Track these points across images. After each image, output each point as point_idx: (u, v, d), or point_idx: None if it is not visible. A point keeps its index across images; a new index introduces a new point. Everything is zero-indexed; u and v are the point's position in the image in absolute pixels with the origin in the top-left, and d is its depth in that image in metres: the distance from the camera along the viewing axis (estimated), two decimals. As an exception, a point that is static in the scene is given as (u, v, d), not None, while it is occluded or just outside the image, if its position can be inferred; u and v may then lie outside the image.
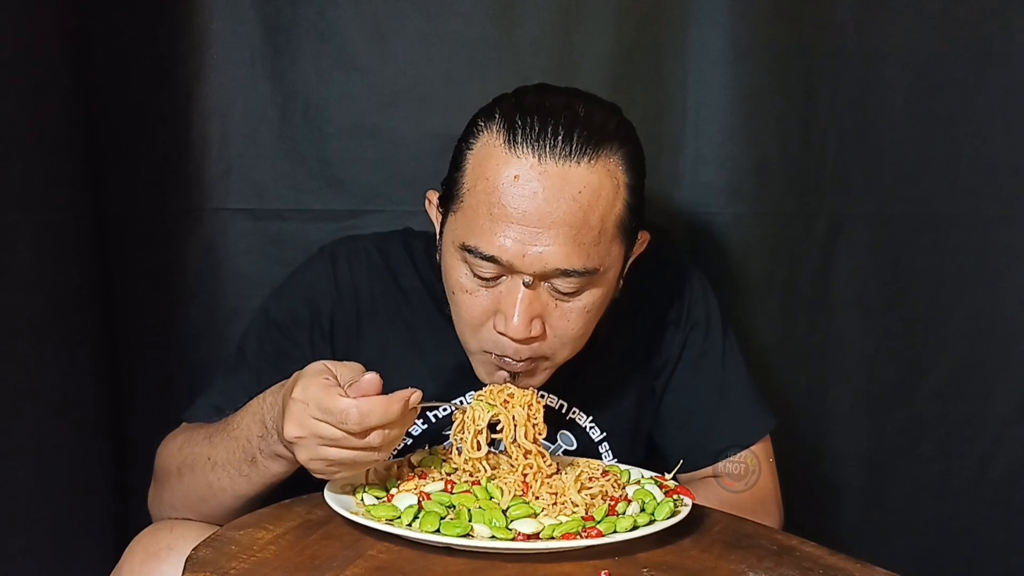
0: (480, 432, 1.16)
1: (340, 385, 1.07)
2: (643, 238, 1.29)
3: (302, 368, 1.18)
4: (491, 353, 1.23)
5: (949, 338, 1.75)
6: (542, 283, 1.19)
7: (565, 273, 1.18)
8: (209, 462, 1.23)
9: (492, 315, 1.21)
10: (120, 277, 1.60)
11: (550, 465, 1.17)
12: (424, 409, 1.14)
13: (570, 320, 1.22)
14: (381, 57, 1.63)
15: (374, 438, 1.06)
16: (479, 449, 1.16)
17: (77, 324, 1.51)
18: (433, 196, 1.31)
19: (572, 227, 1.17)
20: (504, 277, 1.20)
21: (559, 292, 1.20)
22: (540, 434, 1.18)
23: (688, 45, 1.65)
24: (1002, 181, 1.72)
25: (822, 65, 1.67)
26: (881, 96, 1.69)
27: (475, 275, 1.20)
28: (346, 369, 1.10)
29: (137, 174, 1.61)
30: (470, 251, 1.19)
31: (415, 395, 1.08)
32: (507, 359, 1.22)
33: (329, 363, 1.10)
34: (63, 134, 1.47)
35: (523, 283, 1.18)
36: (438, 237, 1.28)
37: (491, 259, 1.18)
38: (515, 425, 1.17)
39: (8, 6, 1.37)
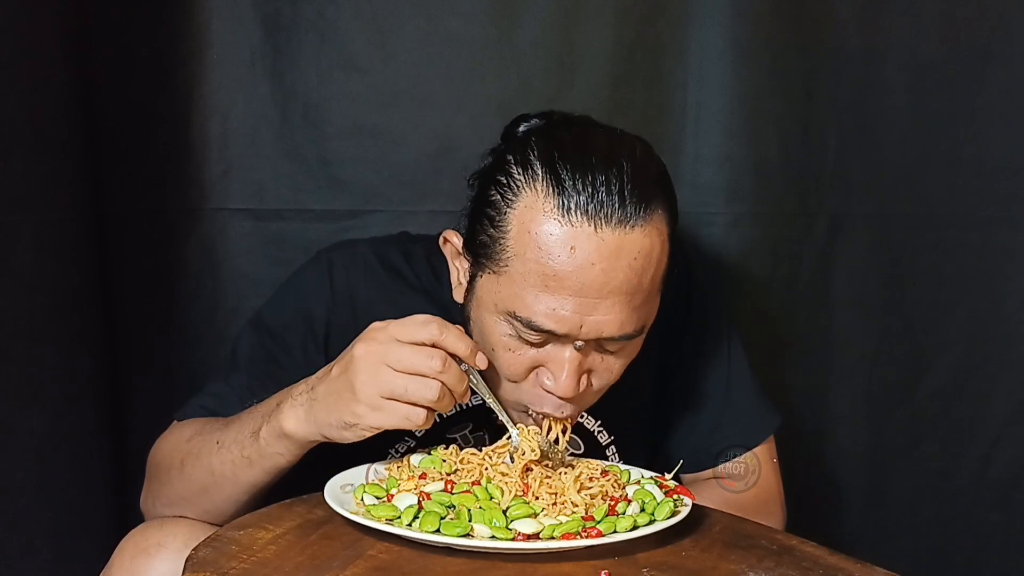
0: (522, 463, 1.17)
1: None
2: None
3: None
4: (528, 408, 1.22)
5: (949, 338, 1.75)
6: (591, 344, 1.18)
7: (617, 338, 1.17)
8: (216, 445, 1.21)
9: (533, 370, 1.20)
10: (120, 277, 1.60)
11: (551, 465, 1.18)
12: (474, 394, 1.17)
13: (612, 372, 1.21)
14: (381, 57, 1.62)
15: (437, 359, 1.08)
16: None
17: (77, 324, 1.50)
18: (453, 237, 1.27)
19: (628, 294, 1.14)
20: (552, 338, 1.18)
21: (605, 349, 1.19)
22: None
23: (688, 45, 1.65)
24: (1002, 181, 1.72)
25: (822, 65, 1.67)
26: (881, 96, 1.69)
27: (520, 337, 1.18)
28: None
29: (137, 174, 1.61)
30: (519, 320, 1.16)
31: (482, 356, 1.14)
32: (547, 412, 1.21)
33: None
34: (63, 134, 1.47)
35: (575, 347, 1.17)
36: (464, 287, 1.25)
37: (546, 331, 1.15)
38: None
39: (8, 6, 1.37)
